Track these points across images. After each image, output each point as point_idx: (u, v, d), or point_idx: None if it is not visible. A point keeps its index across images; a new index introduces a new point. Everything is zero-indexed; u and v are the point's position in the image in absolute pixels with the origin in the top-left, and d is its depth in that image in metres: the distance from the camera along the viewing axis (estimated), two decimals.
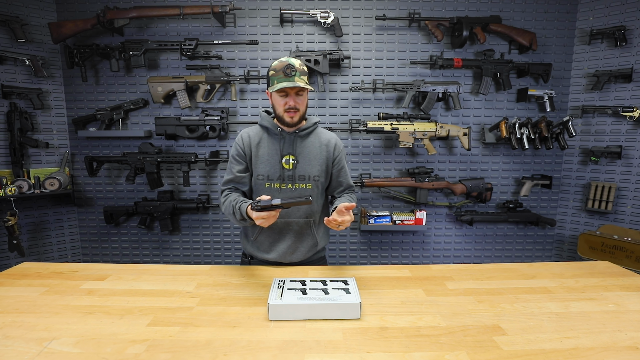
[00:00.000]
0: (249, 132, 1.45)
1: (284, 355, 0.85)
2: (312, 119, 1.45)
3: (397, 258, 2.67)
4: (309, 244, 1.46)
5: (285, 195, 1.39)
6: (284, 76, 1.28)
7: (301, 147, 1.41)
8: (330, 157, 1.44)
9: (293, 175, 1.39)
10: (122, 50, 2.31)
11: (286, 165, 1.39)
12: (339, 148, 1.46)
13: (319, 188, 1.43)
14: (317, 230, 1.47)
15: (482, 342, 0.90)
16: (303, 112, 1.38)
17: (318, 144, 1.42)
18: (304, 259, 1.47)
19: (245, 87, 2.45)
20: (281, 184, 1.39)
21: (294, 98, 1.32)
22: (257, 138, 1.42)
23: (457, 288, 1.23)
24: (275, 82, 1.30)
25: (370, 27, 2.42)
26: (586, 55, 2.44)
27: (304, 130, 1.41)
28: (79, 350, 0.86)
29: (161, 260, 2.64)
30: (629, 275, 1.35)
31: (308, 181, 1.41)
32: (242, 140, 1.42)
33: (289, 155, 1.40)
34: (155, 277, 1.30)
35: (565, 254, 2.63)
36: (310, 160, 1.41)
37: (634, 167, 2.35)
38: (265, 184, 1.40)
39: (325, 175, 1.44)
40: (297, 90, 1.32)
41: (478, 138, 2.53)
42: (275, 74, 1.30)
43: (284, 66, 1.28)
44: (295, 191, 1.40)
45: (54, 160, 2.47)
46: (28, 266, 1.40)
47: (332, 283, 1.14)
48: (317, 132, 1.46)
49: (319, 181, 1.42)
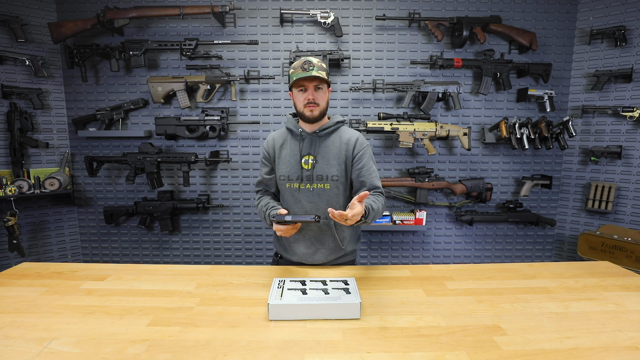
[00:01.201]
0: (274, 134, 1.47)
1: (284, 355, 0.85)
2: (335, 118, 1.43)
3: (397, 258, 2.67)
4: (331, 246, 1.43)
5: (301, 208, 1.40)
6: (302, 71, 1.29)
7: (320, 147, 1.39)
8: (349, 156, 1.39)
9: (311, 175, 1.38)
10: (122, 50, 2.31)
11: (305, 165, 1.39)
12: (360, 146, 1.40)
13: (339, 188, 1.40)
14: (339, 232, 1.42)
15: (482, 342, 0.90)
16: (323, 108, 1.36)
17: (338, 143, 1.40)
18: (327, 261, 1.44)
19: (245, 87, 2.45)
20: (300, 184, 1.39)
21: (312, 92, 1.32)
22: (281, 140, 1.43)
23: (457, 288, 1.23)
24: (294, 77, 1.31)
25: (370, 27, 2.42)
26: (586, 55, 2.44)
27: (325, 130, 1.39)
28: (79, 350, 0.86)
29: (161, 260, 2.64)
30: (629, 275, 1.35)
31: (326, 181, 1.39)
32: (267, 143, 1.46)
33: (308, 155, 1.39)
34: (155, 277, 1.30)
35: (565, 254, 2.63)
36: (329, 160, 1.38)
37: (634, 167, 2.35)
38: (286, 184, 1.41)
39: (345, 175, 1.40)
40: (315, 84, 1.32)
41: (478, 138, 2.53)
42: (295, 71, 1.31)
43: (302, 62, 1.30)
44: (312, 197, 1.39)
45: (54, 160, 2.47)
46: (28, 266, 1.40)
47: (332, 283, 1.14)
48: (340, 131, 1.43)
49: (339, 181, 1.39)
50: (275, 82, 2.44)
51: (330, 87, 1.41)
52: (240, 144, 2.51)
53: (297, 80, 1.31)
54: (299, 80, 1.30)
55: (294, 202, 1.41)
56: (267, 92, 2.46)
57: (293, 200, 1.41)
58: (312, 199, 1.39)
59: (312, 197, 1.39)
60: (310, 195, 1.39)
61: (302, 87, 1.33)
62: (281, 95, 2.47)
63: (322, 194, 1.39)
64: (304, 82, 1.31)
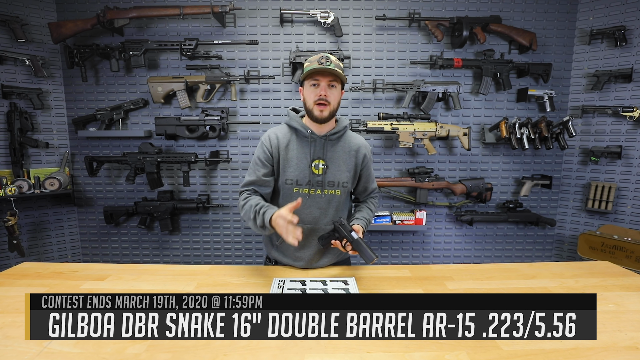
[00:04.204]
0: (276, 132, 1.37)
1: (284, 355, 0.85)
2: (343, 121, 1.39)
3: (397, 258, 2.67)
4: (337, 251, 1.40)
5: (309, 214, 1.34)
6: (318, 65, 1.23)
7: (331, 152, 1.35)
8: (359, 165, 1.39)
9: (322, 181, 1.34)
10: (122, 50, 2.31)
11: (316, 170, 1.33)
12: (367, 156, 1.40)
13: (346, 194, 1.40)
14: None
15: (482, 342, 0.90)
16: (333, 109, 1.30)
17: (348, 150, 1.37)
18: (329, 264, 1.44)
19: (245, 87, 2.45)
20: (310, 189, 1.34)
21: (325, 88, 1.25)
22: (286, 140, 1.35)
23: (457, 288, 1.23)
24: (309, 69, 1.25)
25: (370, 27, 2.42)
26: (586, 55, 2.44)
27: (336, 134, 1.35)
28: (79, 350, 0.86)
29: (161, 260, 2.64)
30: (629, 275, 1.35)
31: (337, 187, 1.35)
32: (270, 141, 1.34)
33: (318, 159, 1.33)
34: (155, 277, 1.30)
35: (565, 254, 2.63)
36: (340, 166, 1.35)
37: (634, 167, 2.34)
38: (294, 188, 1.34)
39: (352, 181, 1.40)
40: (329, 81, 1.26)
41: (478, 138, 2.53)
42: (310, 64, 1.26)
43: (320, 57, 1.24)
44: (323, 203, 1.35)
45: (54, 160, 2.47)
46: (28, 266, 1.40)
47: (332, 283, 1.14)
48: (347, 135, 1.40)
49: (347, 187, 1.38)
50: (275, 82, 2.44)
51: (343, 90, 1.35)
52: (240, 144, 2.51)
53: (311, 73, 1.24)
54: (313, 72, 1.24)
55: (302, 208, 1.34)
56: (267, 92, 2.46)
57: (301, 206, 1.35)
58: (322, 205, 1.35)
59: (322, 204, 1.35)
60: (320, 202, 1.35)
61: (316, 81, 1.26)
62: (281, 95, 2.47)
63: (332, 200, 1.36)
64: (318, 75, 1.25)
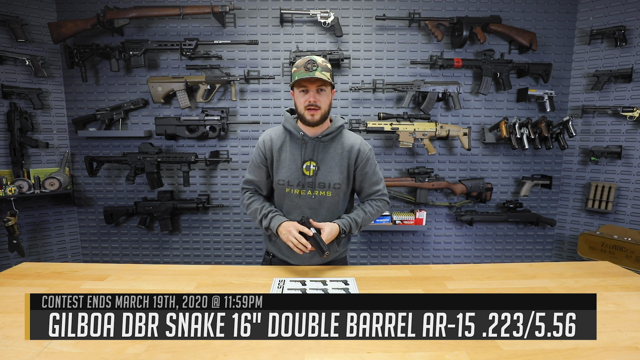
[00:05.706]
0: (271, 134, 1.40)
1: (284, 355, 0.85)
2: (337, 122, 1.38)
3: (397, 258, 2.67)
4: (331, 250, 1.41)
5: (300, 214, 1.36)
6: (305, 71, 1.23)
7: (323, 153, 1.36)
8: (351, 164, 1.37)
9: (313, 182, 1.35)
10: (122, 50, 2.31)
11: (307, 171, 1.35)
12: (363, 154, 1.37)
13: (339, 196, 1.39)
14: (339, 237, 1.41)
15: (482, 342, 0.90)
16: (325, 112, 1.31)
17: (340, 150, 1.36)
18: (322, 262, 1.44)
19: (245, 87, 2.45)
20: (300, 190, 1.36)
21: (314, 94, 1.27)
22: (280, 142, 1.37)
23: (457, 288, 1.23)
24: (296, 77, 1.25)
25: (370, 27, 2.42)
26: (586, 55, 2.44)
27: (328, 135, 1.35)
28: (79, 350, 0.86)
29: (161, 260, 2.64)
30: (629, 275, 1.35)
31: (328, 189, 1.36)
32: (264, 143, 1.38)
33: (310, 161, 1.35)
34: (155, 277, 1.30)
35: (565, 254, 2.63)
36: (332, 167, 1.35)
37: (634, 167, 2.34)
38: (286, 189, 1.37)
39: (347, 182, 1.39)
40: (318, 86, 1.26)
41: (478, 138, 2.53)
42: (297, 69, 1.26)
43: (306, 62, 1.25)
44: (313, 203, 1.38)
45: (54, 160, 2.47)
46: (28, 266, 1.40)
47: (332, 283, 1.14)
48: (342, 135, 1.39)
49: (340, 189, 1.37)
50: (275, 82, 2.44)
51: (334, 89, 1.36)
52: (240, 144, 2.51)
53: (298, 81, 1.26)
54: (300, 80, 1.25)
55: (292, 208, 1.38)
56: (267, 92, 2.46)
57: (292, 206, 1.38)
58: (313, 206, 1.37)
59: (313, 204, 1.37)
60: (311, 202, 1.36)
61: (304, 87, 1.27)
62: (281, 95, 2.47)
63: (323, 201, 1.37)
64: (305, 83, 1.26)
